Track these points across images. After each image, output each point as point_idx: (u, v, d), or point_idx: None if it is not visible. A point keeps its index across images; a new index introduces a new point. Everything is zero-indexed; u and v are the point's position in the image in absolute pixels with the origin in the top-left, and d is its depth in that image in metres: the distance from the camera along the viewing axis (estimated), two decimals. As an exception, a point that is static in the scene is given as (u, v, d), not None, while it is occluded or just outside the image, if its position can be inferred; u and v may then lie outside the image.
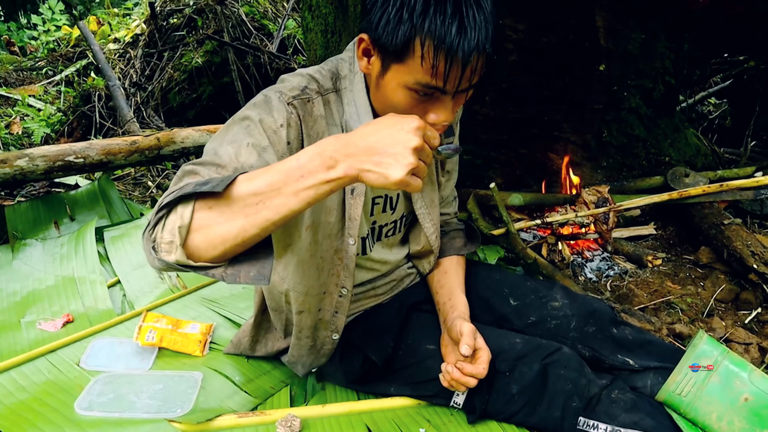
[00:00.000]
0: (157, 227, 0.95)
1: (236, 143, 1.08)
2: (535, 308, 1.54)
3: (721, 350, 1.42)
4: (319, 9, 2.99)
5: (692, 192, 2.61)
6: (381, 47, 1.05)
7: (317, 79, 1.23)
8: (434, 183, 1.53)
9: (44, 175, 2.61)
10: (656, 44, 2.79)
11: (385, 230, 1.50)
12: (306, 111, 1.18)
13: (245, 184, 0.92)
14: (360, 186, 1.31)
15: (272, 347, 1.62)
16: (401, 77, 1.05)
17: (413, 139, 0.91)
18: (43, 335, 1.87)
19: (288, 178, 0.91)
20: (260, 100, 1.16)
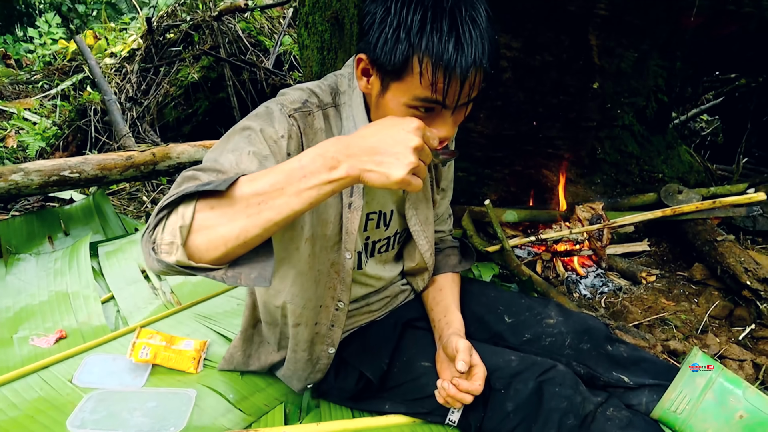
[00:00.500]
0: (157, 228, 0.95)
1: (237, 151, 1.08)
2: (530, 325, 1.54)
3: (715, 367, 1.42)
4: (316, 26, 3.01)
5: (685, 209, 2.62)
6: (380, 67, 1.07)
7: (317, 94, 1.26)
8: (429, 200, 1.54)
9: (39, 190, 2.60)
10: (649, 62, 2.82)
11: (378, 246, 1.51)
12: (307, 123, 1.20)
13: (247, 184, 0.93)
14: (357, 200, 1.32)
15: (266, 360, 1.61)
16: (401, 95, 1.07)
17: (414, 138, 0.92)
18: (36, 351, 1.85)
19: (290, 179, 0.91)
20: (262, 111, 1.18)
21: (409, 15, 1.00)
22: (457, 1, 1.00)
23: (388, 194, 1.45)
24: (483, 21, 1.02)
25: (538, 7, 2.42)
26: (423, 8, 0.99)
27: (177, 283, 2.31)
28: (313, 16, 3.01)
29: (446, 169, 1.61)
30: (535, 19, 2.48)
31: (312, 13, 3.01)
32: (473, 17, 1.00)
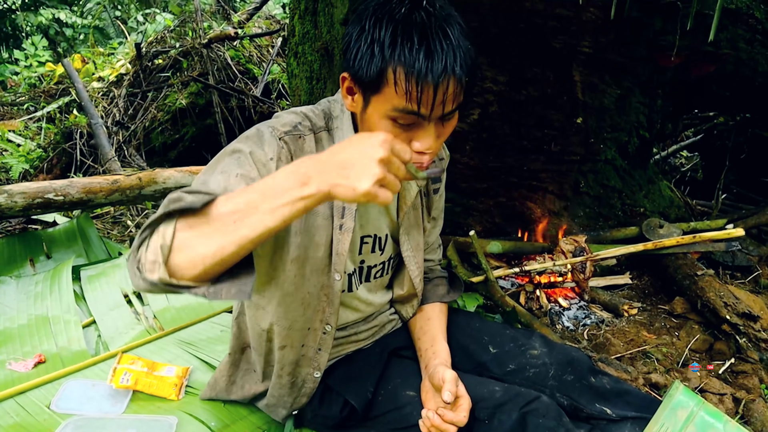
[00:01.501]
0: (141, 247, 0.97)
1: (226, 173, 1.10)
2: (514, 356, 1.54)
3: (696, 401, 1.44)
4: (305, 56, 3.05)
5: (666, 243, 2.67)
6: (360, 82, 1.12)
7: (310, 118, 1.29)
8: (420, 227, 1.56)
9: (22, 212, 2.58)
10: (631, 99, 2.89)
11: (374, 271, 1.52)
12: (297, 146, 1.23)
13: (224, 203, 0.95)
14: (348, 222, 1.33)
15: (248, 390, 1.59)
16: (381, 107, 1.11)
17: (378, 150, 0.93)
18: (13, 376, 1.82)
19: (264, 196, 0.93)
20: (252, 133, 1.20)
21: (381, 30, 1.05)
22: (428, 16, 1.05)
23: (382, 218, 1.47)
24: (455, 33, 1.06)
25: (524, 43, 2.49)
26: (394, 23, 1.05)
27: (160, 309, 2.29)
28: (303, 46, 3.05)
29: (437, 197, 1.63)
30: (521, 54, 2.55)
31: (302, 43, 3.06)
32: (444, 29, 1.05)
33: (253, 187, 0.96)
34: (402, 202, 1.48)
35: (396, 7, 1.07)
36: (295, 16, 3.09)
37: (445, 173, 1.64)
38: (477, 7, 2.41)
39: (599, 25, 2.47)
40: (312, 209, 1.04)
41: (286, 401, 1.51)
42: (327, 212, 1.33)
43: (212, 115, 4.88)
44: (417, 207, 1.54)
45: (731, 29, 2.81)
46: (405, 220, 1.50)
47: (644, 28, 2.57)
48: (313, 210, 1.29)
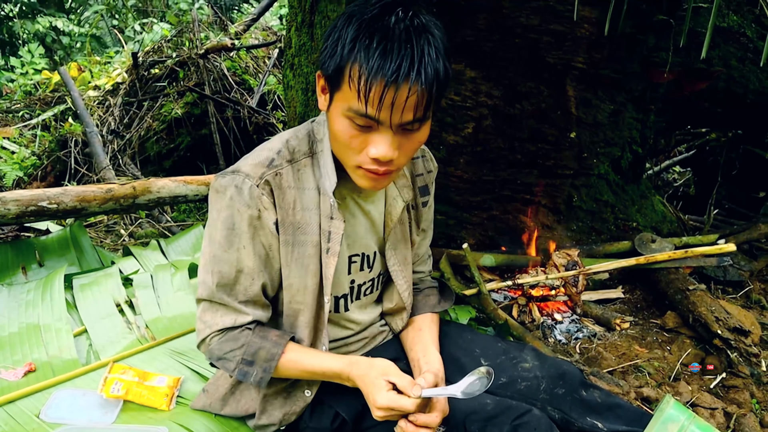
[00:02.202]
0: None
1: (232, 250, 1.29)
2: (506, 369, 1.54)
3: (687, 415, 1.44)
4: (301, 68, 3.07)
5: (659, 257, 2.68)
6: (326, 78, 1.16)
7: (292, 145, 1.32)
8: (407, 241, 1.57)
9: (15, 220, 2.57)
10: (624, 114, 2.91)
11: (363, 289, 1.53)
12: (275, 184, 1.28)
13: (283, 372, 1.37)
14: (335, 246, 1.36)
15: (243, 406, 1.58)
16: (341, 105, 1.13)
17: (376, 411, 1.25)
18: (2, 384, 1.80)
19: (314, 377, 1.41)
20: (234, 192, 1.26)
21: (348, 29, 1.08)
22: (396, 21, 1.06)
23: (369, 236, 1.48)
24: (421, 42, 1.05)
25: (519, 58, 2.51)
26: (359, 23, 1.07)
27: (152, 318, 2.28)
28: (299, 57, 3.07)
29: (426, 209, 1.63)
30: (516, 69, 2.57)
31: (298, 55, 3.08)
32: (409, 36, 1.05)
33: (305, 374, 1.39)
34: (388, 218, 1.48)
35: (368, 9, 1.09)
36: (292, 28, 3.11)
37: (434, 184, 1.64)
38: (472, 22, 2.43)
39: (593, 41, 2.50)
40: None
41: (275, 416, 1.50)
42: (315, 239, 1.35)
43: (207, 125, 4.88)
44: (404, 222, 1.54)
45: (723, 47, 2.85)
46: (392, 235, 1.51)
47: (638, 44, 2.61)
48: (301, 241, 1.33)
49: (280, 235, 1.31)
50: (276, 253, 1.33)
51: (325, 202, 1.33)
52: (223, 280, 1.31)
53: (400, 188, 1.48)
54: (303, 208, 1.32)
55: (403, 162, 1.21)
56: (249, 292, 1.34)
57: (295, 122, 3.27)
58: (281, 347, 1.34)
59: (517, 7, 2.37)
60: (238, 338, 1.34)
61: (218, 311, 1.35)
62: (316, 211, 1.33)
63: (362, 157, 1.17)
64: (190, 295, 2.44)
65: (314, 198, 1.33)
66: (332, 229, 1.34)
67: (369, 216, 1.46)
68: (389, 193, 1.47)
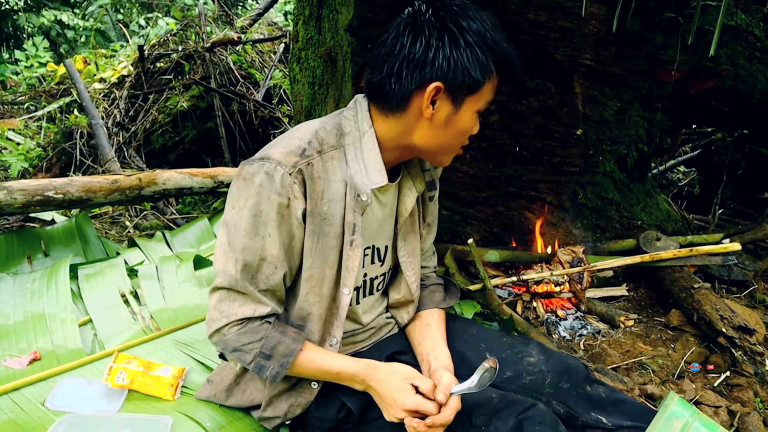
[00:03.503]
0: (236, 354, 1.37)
1: (258, 238, 1.28)
2: (511, 363, 1.55)
3: (691, 412, 1.44)
4: (308, 62, 3.07)
5: (663, 255, 2.68)
6: (457, 87, 1.24)
7: (321, 136, 1.33)
8: (417, 233, 1.58)
9: (21, 209, 2.57)
10: (631, 112, 2.91)
11: (376, 283, 1.56)
12: (307, 174, 1.28)
13: (295, 372, 1.39)
14: (359, 239, 1.38)
15: (248, 397, 1.58)
16: (475, 105, 1.29)
17: (400, 413, 1.31)
18: (8, 372, 1.81)
19: (326, 377, 1.42)
20: (264, 179, 1.26)
21: (483, 34, 1.22)
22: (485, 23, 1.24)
23: (384, 228, 1.50)
24: None
25: (526, 55, 2.50)
26: (480, 23, 1.23)
27: (156, 309, 2.28)
28: (306, 51, 3.07)
29: (432, 204, 1.65)
30: (523, 65, 2.56)
31: (305, 49, 3.07)
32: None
33: (319, 370, 1.39)
34: (402, 207, 1.50)
35: (473, 16, 1.24)
36: (299, 22, 3.10)
37: (439, 181, 1.67)
38: (480, 17, 2.42)
39: (601, 38, 2.49)
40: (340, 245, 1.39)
41: (281, 408, 1.50)
42: (338, 230, 1.36)
43: (213, 119, 4.89)
44: (413, 213, 1.56)
45: (731, 46, 2.83)
46: (402, 227, 1.53)
47: (645, 42, 2.60)
48: (326, 232, 1.34)
49: (307, 225, 1.32)
50: (299, 243, 1.34)
51: (351, 194, 1.34)
52: (247, 267, 1.30)
53: (413, 178, 1.50)
54: (329, 199, 1.33)
55: None
56: (270, 281, 1.33)
57: (301, 116, 3.27)
58: (300, 343, 1.35)
59: (525, 3, 2.36)
60: (257, 331, 1.33)
61: (236, 301, 1.34)
62: (341, 203, 1.35)
63: (465, 139, 1.37)
64: (194, 287, 2.45)
65: (340, 190, 1.34)
66: (356, 222, 1.36)
67: (385, 208, 1.48)
68: (403, 184, 1.50)
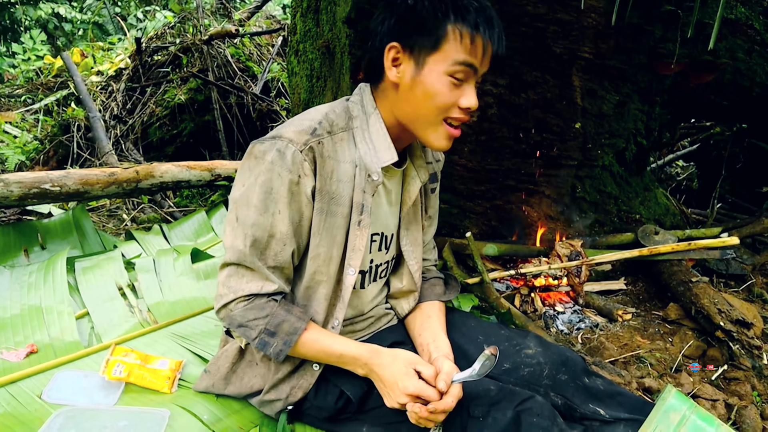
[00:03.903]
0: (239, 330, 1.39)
1: (267, 214, 1.32)
2: (509, 355, 1.55)
3: (689, 405, 1.44)
4: (306, 54, 3.05)
5: (662, 249, 2.67)
6: (415, 46, 1.28)
7: (331, 119, 1.37)
8: (419, 223, 1.60)
9: (18, 202, 2.56)
10: (629, 106, 2.90)
11: (380, 270, 1.57)
12: (317, 152, 1.31)
13: (298, 351, 1.39)
14: (366, 218, 1.40)
15: (246, 383, 1.58)
16: (441, 64, 1.26)
17: (402, 398, 1.30)
18: (4, 365, 1.80)
19: (329, 360, 1.42)
20: (275, 157, 1.29)
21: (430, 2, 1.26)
22: None
23: (390, 215, 1.52)
24: (494, 11, 1.29)
25: (525, 47, 2.49)
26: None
27: (154, 302, 2.28)
28: (304, 44, 3.05)
29: (434, 196, 1.67)
30: (522, 58, 2.55)
31: (303, 41, 3.06)
32: (490, 7, 1.28)
33: (322, 351, 1.39)
34: (406, 195, 1.53)
35: None
36: (297, 14, 3.09)
37: (440, 174, 1.70)
38: (479, 9, 2.41)
39: (600, 31, 2.48)
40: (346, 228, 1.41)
41: (283, 390, 1.50)
42: (346, 210, 1.39)
43: (211, 112, 4.87)
44: (417, 203, 1.59)
45: (730, 39, 2.82)
46: (405, 215, 1.55)
47: (644, 35, 2.59)
48: (334, 211, 1.37)
49: (316, 203, 1.35)
50: (307, 221, 1.36)
51: (360, 175, 1.37)
52: (256, 243, 1.33)
53: (418, 168, 1.52)
54: (338, 179, 1.36)
55: None
56: (279, 258, 1.36)
57: (299, 109, 3.26)
58: (304, 323, 1.37)
59: (524, -5, 2.35)
60: (263, 308, 1.36)
61: (244, 277, 1.37)
62: (350, 184, 1.38)
63: (453, 110, 1.31)
64: (192, 280, 2.44)
65: (349, 171, 1.37)
66: (365, 202, 1.39)
67: (390, 195, 1.51)
68: (408, 173, 1.52)
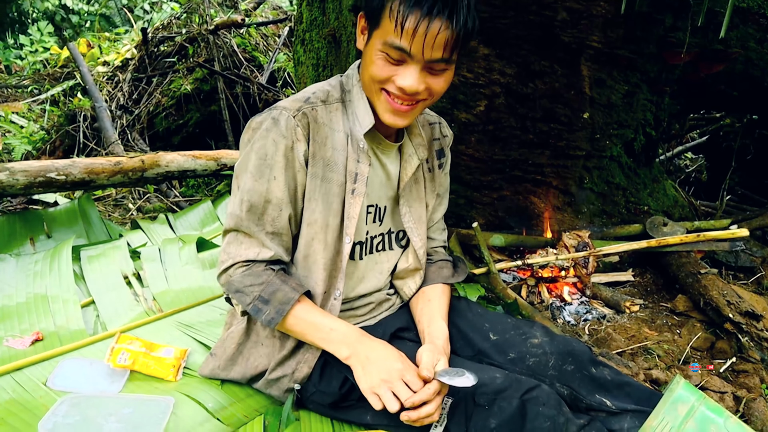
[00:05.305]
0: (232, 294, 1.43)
1: (263, 180, 1.34)
2: (515, 344, 1.53)
3: (698, 396, 1.42)
4: (312, 43, 3.04)
5: (670, 240, 2.65)
6: (367, 17, 1.27)
7: (326, 89, 1.41)
8: (422, 200, 1.60)
9: (24, 190, 2.56)
10: (638, 96, 2.87)
11: (375, 243, 1.57)
12: (311, 117, 1.35)
13: (290, 322, 1.39)
14: (360, 187, 1.41)
15: (253, 364, 1.57)
16: (378, 42, 1.23)
17: (379, 386, 1.29)
18: (10, 352, 1.80)
19: (314, 338, 1.40)
20: (270, 124, 1.34)
21: None
22: None
23: (384, 189, 1.52)
24: None
25: (533, 36, 2.46)
26: None
27: (159, 291, 2.28)
28: (310, 33, 3.04)
29: (443, 174, 1.68)
30: (530, 47, 2.53)
31: (309, 30, 3.04)
32: None
33: (311, 326, 1.39)
34: (403, 173, 1.53)
35: None
36: (303, 3, 3.07)
37: (449, 152, 1.71)
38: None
39: (609, 20, 2.45)
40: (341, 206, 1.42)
41: (289, 366, 1.50)
42: (341, 179, 1.40)
43: (217, 102, 4.86)
44: (419, 181, 1.59)
45: (741, 28, 2.78)
46: (406, 191, 1.55)
47: (654, 24, 2.55)
48: (329, 178, 1.39)
49: (309, 168, 1.37)
50: (301, 188, 1.39)
51: (352, 145, 1.40)
52: (252, 209, 1.36)
53: (416, 147, 1.53)
54: (332, 146, 1.39)
55: (425, 102, 1.32)
56: (277, 223, 1.39)
57: (304, 98, 3.24)
58: (298, 294, 1.38)
59: (532, -18, 2.32)
60: (260, 275, 1.38)
61: (243, 243, 1.40)
62: (344, 153, 1.40)
63: (389, 85, 1.28)
64: (197, 269, 2.44)
65: (342, 140, 1.40)
66: (359, 171, 1.40)
67: (385, 169, 1.51)
68: (405, 151, 1.52)
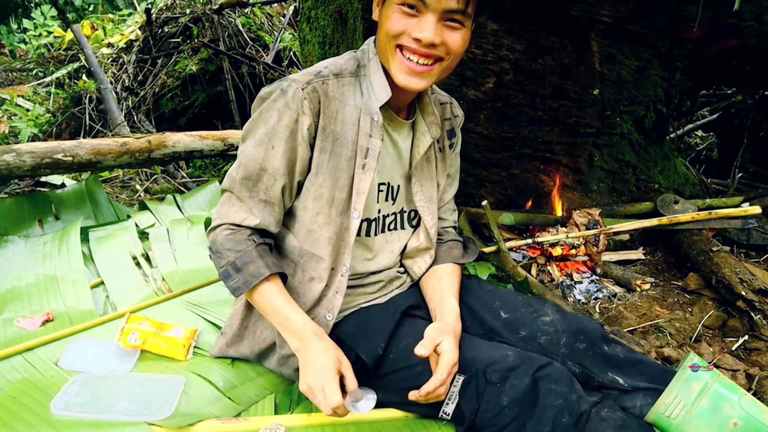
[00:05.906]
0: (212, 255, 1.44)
1: (262, 148, 1.34)
2: (526, 322, 1.52)
3: (711, 373, 1.41)
4: (318, 21, 3.00)
5: (682, 218, 2.62)
6: None
7: (340, 63, 1.40)
8: (433, 179, 1.59)
9: (31, 172, 2.55)
10: (649, 72, 2.82)
11: (388, 221, 1.56)
12: (321, 91, 1.32)
13: (255, 298, 1.39)
14: (371, 162, 1.39)
15: (260, 337, 1.57)
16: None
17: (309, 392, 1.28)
18: (21, 333, 1.81)
19: (275, 322, 1.39)
20: (278, 95, 1.33)
21: None
22: None
23: (396, 167, 1.51)
24: None
25: (543, 11, 2.42)
26: None
27: (168, 271, 2.27)
28: (316, 10, 3.00)
29: (454, 155, 1.66)
30: (539, 22, 2.48)
31: (315, 8, 3.00)
32: None
33: (274, 310, 1.37)
34: (415, 151, 1.51)
35: None
36: (309, -20, 3.03)
37: (460, 132, 1.69)
38: (496, -29, 2.34)
39: (620, -7, 2.40)
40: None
41: None
42: (350, 154, 1.38)
43: (222, 82, 4.83)
44: (431, 160, 1.57)
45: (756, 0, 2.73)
46: (417, 170, 1.54)
47: (666, -3, 2.51)
48: (338, 152, 1.37)
49: (318, 141, 1.35)
50: (300, 161, 1.37)
51: (365, 119, 1.38)
52: (248, 175, 1.37)
53: (429, 125, 1.50)
54: (342, 121, 1.37)
55: (441, 63, 1.29)
56: (270, 192, 1.38)
57: (311, 77, 3.21)
58: (269, 272, 1.35)
59: (542, -44, 2.28)
60: (241, 243, 1.38)
61: (234, 206, 1.41)
62: (354, 128, 1.38)
63: (405, 38, 1.25)
64: (205, 249, 2.43)
65: (353, 114, 1.38)
66: (370, 146, 1.38)
67: (397, 146, 1.49)
68: (418, 128, 1.50)
